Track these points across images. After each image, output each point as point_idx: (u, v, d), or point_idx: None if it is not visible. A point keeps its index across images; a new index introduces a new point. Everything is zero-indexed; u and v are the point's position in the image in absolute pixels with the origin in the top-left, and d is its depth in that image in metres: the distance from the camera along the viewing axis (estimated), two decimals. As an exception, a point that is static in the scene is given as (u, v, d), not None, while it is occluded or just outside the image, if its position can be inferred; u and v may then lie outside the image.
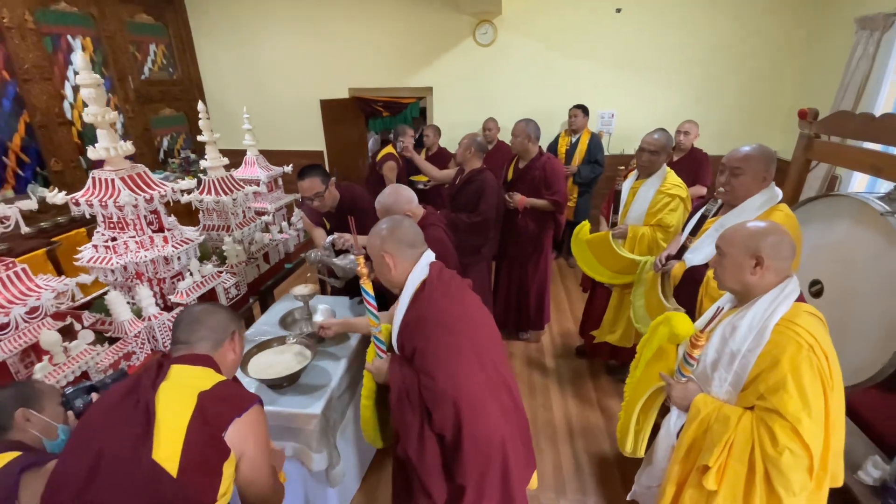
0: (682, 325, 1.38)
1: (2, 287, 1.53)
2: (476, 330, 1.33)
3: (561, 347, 3.35)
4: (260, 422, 1.11)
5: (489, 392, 1.27)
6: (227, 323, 1.23)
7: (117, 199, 1.89)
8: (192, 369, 1.11)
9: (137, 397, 1.02)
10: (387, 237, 1.39)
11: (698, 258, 1.93)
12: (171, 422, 0.98)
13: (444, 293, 1.35)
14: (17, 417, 1.12)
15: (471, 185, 2.77)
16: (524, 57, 4.44)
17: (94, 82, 1.89)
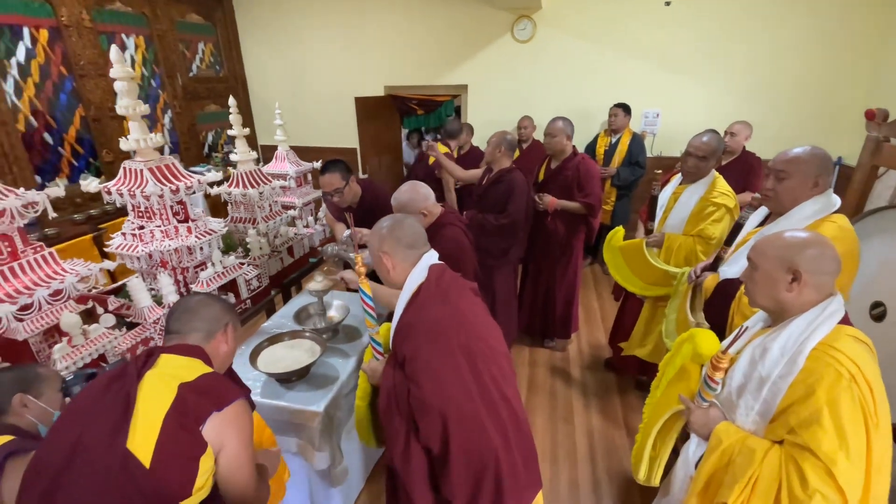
0: (707, 343, 1.24)
1: (29, 269, 1.60)
2: (473, 339, 1.24)
3: (589, 358, 3.18)
4: (242, 418, 1.07)
5: (484, 405, 1.18)
6: (220, 314, 1.21)
7: (144, 189, 1.95)
8: (180, 359, 1.09)
9: (121, 384, 1.01)
10: (385, 236, 1.34)
11: (733, 271, 1.74)
12: (149, 411, 0.97)
13: (441, 299, 1.27)
14: (14, 402, 1.14)
15: (499, 185, 2.66)
16: (564, 53, 4.27)
17: (127, 75, 1.96)
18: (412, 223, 1.39)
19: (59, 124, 3.42)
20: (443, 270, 1.36)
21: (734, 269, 1.75)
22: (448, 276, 1.35)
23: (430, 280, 1.32)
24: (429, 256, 1.37)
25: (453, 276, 1.38)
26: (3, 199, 1.49)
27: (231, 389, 1.08)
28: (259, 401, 1.74)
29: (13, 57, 3.06)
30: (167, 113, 4.42)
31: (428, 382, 1.16)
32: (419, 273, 1.33)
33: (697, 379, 1.28)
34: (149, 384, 1.01)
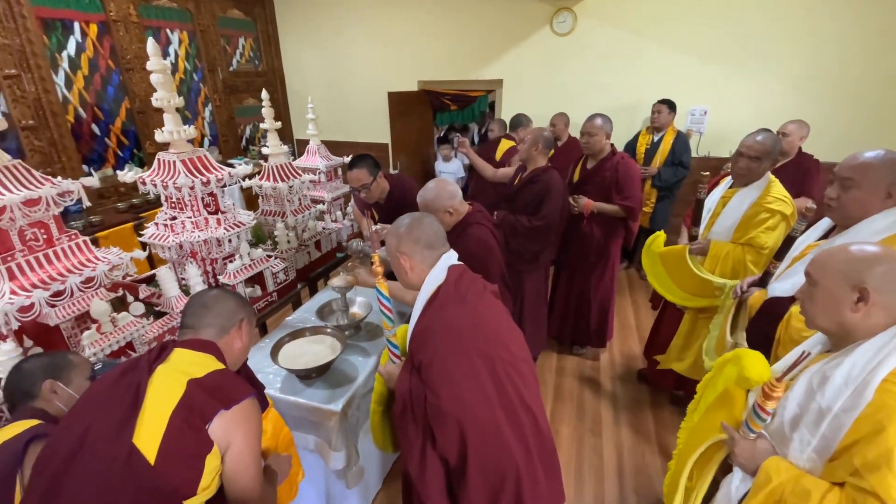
0: (756, 366, 1.10)
1: (63, 257, 1.64)
2: (493, 344, 1.18)
3: (621, 368, 3.03)
4: (250, 417, 1.04)
5: (503, 414, 1.11)
6: (235, 310, 1.19)
7: (176, 180, 1.98)
8: (192, 354, 1.08)
9: (133, 377, 1.00)
10: (403, 236, 1.30)
11: (785, 288, 1.57)
12: (157, 406, 0.95)
13: (459, 301, 1.22)
14: (44, 388, 1.17)
15: (534, 185, 2.52)
16: (605, 47, 4.08)
17: (162, 68, 1.98)
18: (431, 222, 1.35)
19: (107, 116, 3.57)
20: (462, 272, 1.31)
21: (785, 287, 1.58)
22: (467, 278, 1.30)
23: (448, 282, 1.27)
24: (448, 257, 1.32)
25: (473, 278, 1.32)
26: (39, 188, 1.52)
27: (240, 387, 1.06)
28: (277, 396, 1.73)
29: (64, 50, 3.20)
30: (207, 106, 4.54)
31: (445, 389, 1.11)
32: (438, 274, 1.28)
33: (742, 405, 1.14)
34: (159, 379, 1.00)
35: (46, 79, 3.01)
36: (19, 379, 1.17)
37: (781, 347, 1.41)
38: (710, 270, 2.12)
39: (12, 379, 1.18)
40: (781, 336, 1.46)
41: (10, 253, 1.50)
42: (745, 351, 1.16)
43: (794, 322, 1.42)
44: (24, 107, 2.93)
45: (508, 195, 2.72)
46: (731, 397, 1.16)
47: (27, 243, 1.55)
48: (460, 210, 1.92)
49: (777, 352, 1.44)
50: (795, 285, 1.52)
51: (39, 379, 1.18)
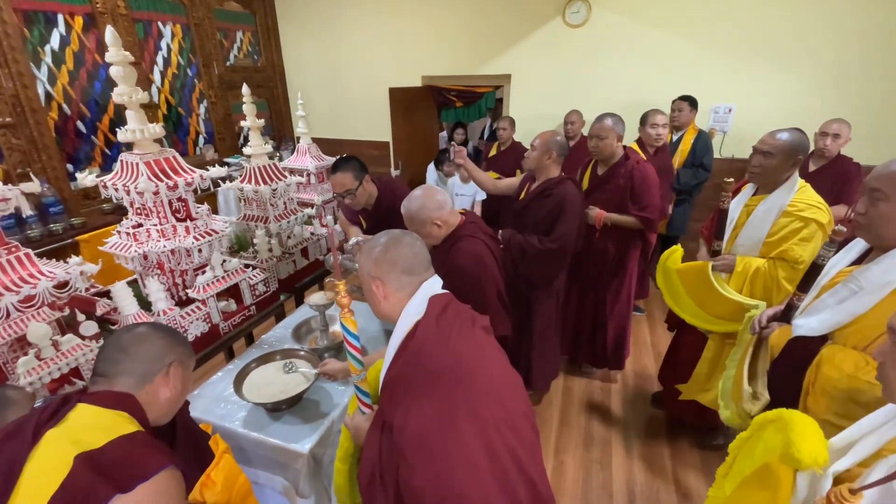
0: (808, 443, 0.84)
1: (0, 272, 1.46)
2: (484, 399, 0.95)
3: (633, 390, 2.77)
4: (167, 494, 0.83)
5: (497, 489, 0.88)
6: (162, 352, 0.98)
7: (136, 185, 1.78)
8: (97, 414, 0.87)
9: (12, 447, 0.80)
10: (378, 258, 1.10)
11: (812, 325, 1.29)
12: (31, 493, 0.75)
13: (441, 343, 1.00)
14: None
15: (546, 199, 2.16)
16: (622, 39, 3.79)
17: (122, 60, 1.79)
18: (412, 242, 1.14)
19: (93, 113, 3.42)
20: (446, 303, 1.08)
21: (812, 324, 1.30)
22: (452, 311, 1.07)
23: (429, 316, 1.04)
24: (429, 285, 1.11)
25: (458, 311, 1.09)
26: (-35, 196, 1.34)
27: (152, 458, 0.84)
28: (239, 432, 1.53)
29: (47, 44, 3.05)
30: (203, 103, 4.38)
31: (422, 463, 0.89)
32: (416, 306, 1.06)
33: (788, 491, 0.89)
34: (43, 451, 0.79)
35: (25, 73, 2.86)
36: None
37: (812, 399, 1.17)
38: (736, 289, 1.85)
39: None
40: (809, 384, 1.21)
41: (-69, 269, 1.32)
42: (797, 416, 0.91)
43: (826, 370, 1.17)
44: (1, 103, 2.78)
45: (515, 210, 2.37)
46: (775, 477, 0.90)
47: (-46, 257, 1.37)
48: (450, 221, 1.69)
49: (806, 403, 1.19)
50: (824, 322, 1.26)
51: None
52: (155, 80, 3.86)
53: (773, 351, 1.45)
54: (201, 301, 1.95)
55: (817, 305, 1.34)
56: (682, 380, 2.17)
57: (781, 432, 0.90)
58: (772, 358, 1.45)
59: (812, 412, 1.17)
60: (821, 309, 1.31)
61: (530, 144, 2.24)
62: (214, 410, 1.59)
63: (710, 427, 2.28)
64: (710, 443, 2.32)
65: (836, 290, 1.28)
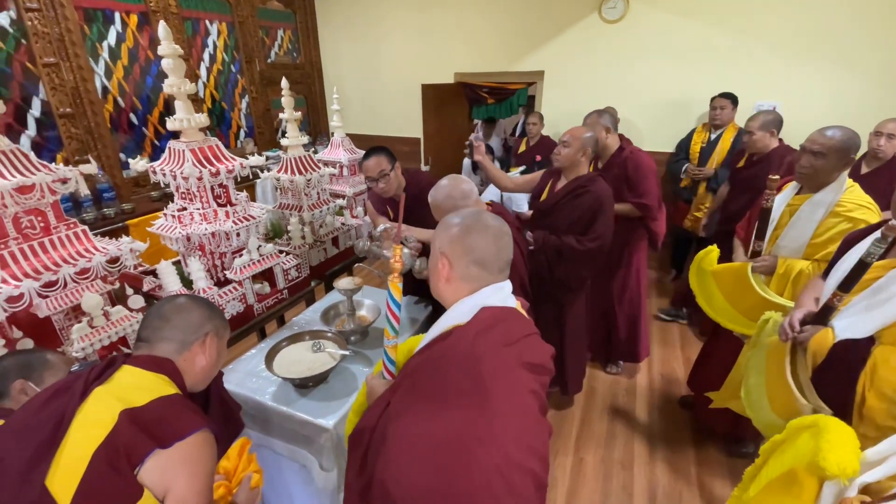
0: (840, 453, 0.80)
1: (60, 246, 1.59)
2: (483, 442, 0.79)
3: (660, 393, 2.71)
4: (198, 456, 0.89)
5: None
6: (200, 322, 1.05)
7: (182, 170, 1.89)
8: (140, 375, 0.94)
9: (62, 401, 0.87)
10: (455, 237, 0.98)
11: (860, 328, 1.21)
12: (79, 442, 0.81)
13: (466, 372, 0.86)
14: (14, 387, 1.09)
15: (581, 197, 2.08)
16: (660, 35, 3.69)
17: (173, 53, 1.90)
18: (500, 234, 0.99)
19: (144, 106, 3.63)
20: (495, 322, 0.92)
21: (861, 324, 1.23)
22: (497, 337, 0.90)
23: (468, 330, 0.91)
24: (491, 291, 0.96)
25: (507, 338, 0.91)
26: (33, 175, 1.46)
27: (188, 419, 0.90)
28: (268, 404, 1.60)
29: (105, 41, 3.26)
30: (244, 98, 4.56)
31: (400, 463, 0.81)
32: (462, 311, 0.95)
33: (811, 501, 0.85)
34: (91, 406, 0.86)
35: (85, 68, 3.07)
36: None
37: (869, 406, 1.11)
38: (777, 292, 1.79)
39: None
40: (865, 390, 1.14)
41: (3, 240, 1.45)
42: (828, 423, 0.87)
43: (884, 372, 1.11)
44: (63, 95, 3.00)
45: (539, 210, 2.28)
46: (800, 485, 0.87)
47: (22, 231, 1.50)
48: (476, 211, 1.70)
49: (862, 411, 1.13)
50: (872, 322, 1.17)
51: (11, 378, 1.10)
52: (201, 76, 4.06)
53: (815, 358, 1.35)
54: (238, 282, 2.05)
55: (857, 305, 1.27)
56: (713, 386, 2.10)
57: (815, 440, 0.86)
58: (814, 363, 1.35)
59: (870, 420, 1.12)
60: (865, 309, 1.24)
61: (560, 141, 2.17)
62: (246, 384, 1.68)
63: (741, 435, 2.21)
64: (739, 450, 2.24)
65: (879, 286, 1.21)
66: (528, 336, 0.96)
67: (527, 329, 0.98)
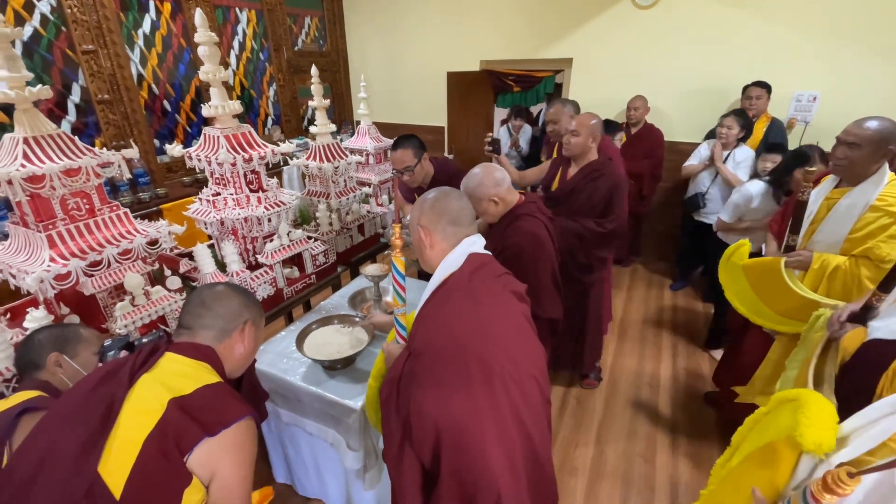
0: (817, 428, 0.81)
1: (104, 227, 1.65)
2: (495, 353, 1.03)
3: (684, 388, 2.68)
4: (242, 443, 0.91)
5: (492, 430, 0.97)
6: (239, 311, 1.07)
7: (217, 156, 1.94)
8: (183, 363, 0.96)
9: (110, 387, 0.89)
10: (426, 208, 1.20)
11: (892, 329, 1.21)
12: (130, 429, 0.84)
13: (467, 296, 1.10)
14: (49, 360, 1.14)
15: (596, 181, 2.16)
16: (695, 20, 3.57)
17: (210, 40, 1.94)
18: (459, 197, 1.24)
19: (177, 92, 3.71)
20: (483, 263, 1.18)
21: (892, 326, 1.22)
22: (487, 272, 1.17)
23: (462, 271, 1.14)
24: (471, 241, 1.20)
25: (493, 272, 1.19)
26: (79, 158, 1.52)
27: (233, 408, 0.93)
28: (299, 385, 1.65)
29: (140, 28, 3.34)
30: (272, 86, 4.62)
31: (429, 386, 1.01)
32: (454, 260, 1.16)
33: (789, 472, 0.87)
34: (139, 393, 0.88)
35: (121, 55, 3.16)
36: (28, 349, 1.17)
37: None
38: (811, 288, 1.74)
39: (22, 349, 1.18)
40: (883, 392, 1.12)
41: (52, 221, 1.52)
42: (809, 397, 0.88)
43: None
44: (101, 81, 3.09)
45: (552, 198, 2.33)
46: (776, 455, 0.88)
47: (69, 212, 1.57)
48: (507, 199, 1.71)
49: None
50: None
51: (46, 351, 1.16)
52: (231, 64, 4.12)
53: (844, 354, 1.35)
54: (268, 266, 2.11)
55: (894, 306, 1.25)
56: (740, 382, 2.07)
57: (794, 414, 0.88)
58: (842, 361, 1.36)
59: None
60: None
61: (568, 130, 2.21)
62: (278, 364, 1.73)
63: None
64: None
65: None
66: (506, 273, 1.23)
67: (504, 269, 1.24)
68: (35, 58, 2.86)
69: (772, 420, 0.99)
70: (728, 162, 3.07)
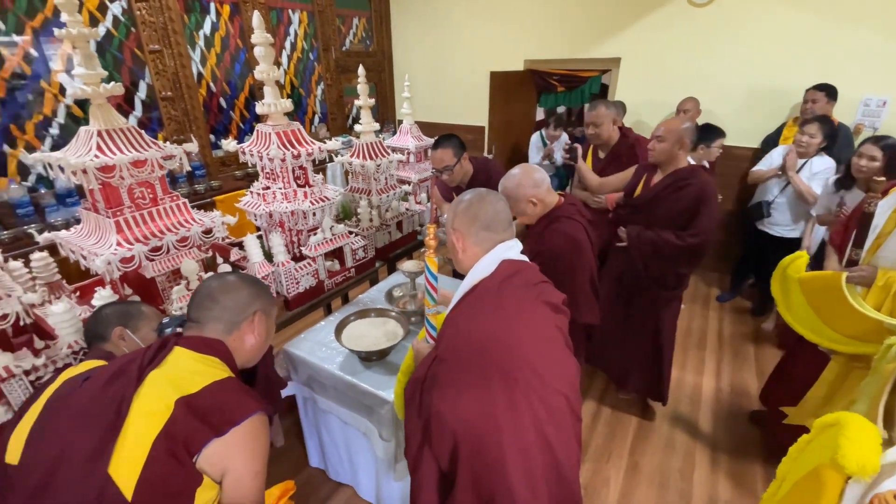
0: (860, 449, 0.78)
1: (165, 215, 1.77)
2: (519, 366, 1.00)
3: (728, 405, 2.56)
4: (253, 438, 0.90)
5: (512, 444, 0.94)
6: (248, 301, 1.05)
7: (269, 151, 2.04)
8: (192, 358, 0.95)
9: (119, 386, 0.88)
10: (460, 211, 1.18)
11: None
12: (139, 430, 0.83)
13: (495, 305, 1.06)
14: (114, 334, 1.23)
15: (682, 191, 2.00)
16: (753, 18, 3.39)
17: (265, 41, 2.03)
18: (495, 200, 1.20)
19: (233, 91, 3.91)
20: (516, 270, 1.13)
21: None
22: (519, 281, 1.12)
23: (493, 279, 1.11)
24: (505, 247, 1.17)
25: (526, 282, 1.14)
26: (147, 151, 1.64)
27: (243, 404, 0.91)
28: (335, 373, 1.71)
29: (201, 30, 3.55)
30: (320, 85, 4.78)
31: (449, 394, 1.00)
32: (485, 265, 1.14)
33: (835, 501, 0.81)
34: (147, 391, 0.88)
35: (184, 55, 3.36)
36: (96, 323, 1.26)
37: None
38: (874, 306, 1.62)
39: (91, 322, 1.27)
40: None
41: (119, 208, 1.65)
42: (849, 419, 0.84)
43: None
44: (165, 80, 3.30)
45: (632, 206, 2.21)
46: (822, 483, 0.83)
47: (135, 201, 1.69)
48: (546, 200, 1.69)
49: None
50: None
51: (112, 325, 1.24)
52: (282, 63, 4.30)
53: None
54: (312, 258, 2.19)
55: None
56: (790, 402, 1.96)
57: (837, 438, 0.83)
58: None
59: None
60: None
61: (653, 136, 2.07)
62: (317, 353, 1.80)
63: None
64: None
65: None
66: (544, 282, 1.17)
67: (541, 277, 1.18)
68: (107, 56, 3.09)
69: (815, 447, 0.94)
70: (803, 171, 2.85)
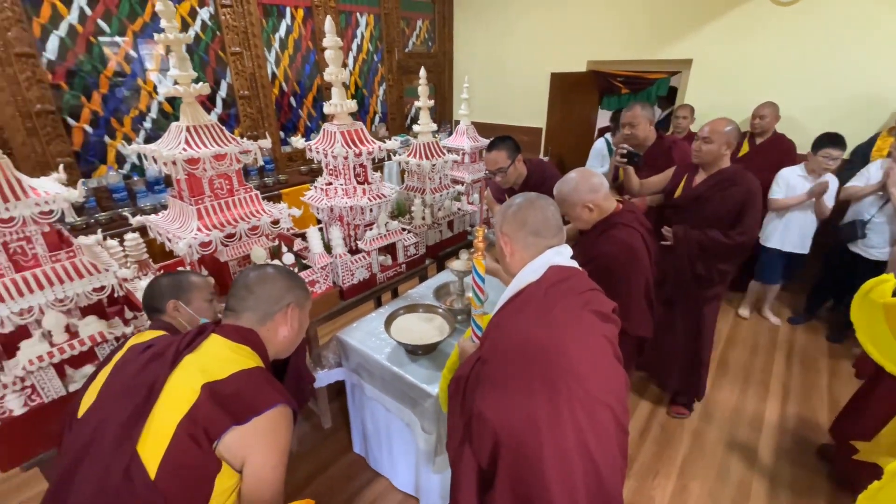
0: None
1: (239, 205, 1.93)
2: (563, 375, 0.97)
3: (793, 436, 2.37)
4: (273, 430, 0.91)
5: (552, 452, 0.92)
6: (282, 293, 1.07)
7: (333, 149, 2.15)
8: (225, 346, 0.98)
9: (156, 367, 0.92)
10: (509, 216, 1.17)
11: None
12: (166, 412, 0.86)
13: (541, 312, 1.04)
14: (168, 306, 1.28)
15: (728, 189, 2.03)
16: (846, 21, 3.09)
17: (335, 45, 2.14)
18: (545, 206, 1.18)
19: (302, 90, 4.14)
20: (564, 277, 1.11)
21: None
22: (568, 287, 1.09)
23: (539, 284, 1.09)
24: (554, 252, 1.15)
25: (573, 288, 1.10)
26: (227, 146, 1.79)
27: (265, 394, 0.92)
28: (383, 363, 1.78)
29: (277, 32, 3.79)
30: (382, 86, 4.94)
31: (491, 396, 1.00)
32: (533, 271, 1.12)
33: None
34: (178, 375, 0.91)
35: (261, 56, 3.61)
36: (151, 297, 1.31)
37: None
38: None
39: (147, 296, 1.32)
40: None
41: (201, 197, 1.81)
42: None
43: None
44: (243, 79, 3.57)
45: (673, 206, 2.25)
46: None
47: (214, 191, 1.86)
48: (603, 206, 1.66)
49: None
50: None
51: (165, 298, 1.29)
52: (349, 65, 4.49)
53: None
54: (367, 252, 2.29)
55: None
56: (863, 437, 1.79)
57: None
58: None
59: None
60: None
61: (699, 137, 2.08)
62: (367, 342, 1.88)
63: None
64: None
65: None
66: (593, 289, 1.14)
67: (591, 284, 1.15)
68: (195, 58, 3.39)
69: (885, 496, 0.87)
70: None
